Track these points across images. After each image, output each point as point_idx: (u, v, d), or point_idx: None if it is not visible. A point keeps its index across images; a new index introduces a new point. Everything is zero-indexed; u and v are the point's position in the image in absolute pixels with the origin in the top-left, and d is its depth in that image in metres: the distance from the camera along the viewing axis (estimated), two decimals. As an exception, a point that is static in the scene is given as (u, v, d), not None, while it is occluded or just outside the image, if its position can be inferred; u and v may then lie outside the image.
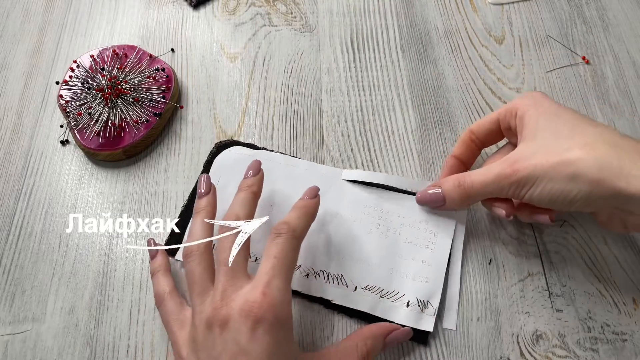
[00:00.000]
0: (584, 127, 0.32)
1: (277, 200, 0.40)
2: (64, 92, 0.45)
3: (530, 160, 0.32)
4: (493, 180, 0.34)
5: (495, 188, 0.34)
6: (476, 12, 0.52)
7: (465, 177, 0.36)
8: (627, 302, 0.37)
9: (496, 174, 0.34)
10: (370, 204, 0.40)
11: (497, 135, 0.39)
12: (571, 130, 0.32)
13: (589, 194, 0.30)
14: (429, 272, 0.38)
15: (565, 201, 0.32)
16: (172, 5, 0.53)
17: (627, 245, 0.40)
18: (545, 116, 0.34)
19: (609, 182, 0.29)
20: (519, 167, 0.33)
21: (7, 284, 0.38)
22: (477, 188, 0.35)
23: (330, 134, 0.45)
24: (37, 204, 0.42)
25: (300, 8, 0.52)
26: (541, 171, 0.32)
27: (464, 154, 0.40)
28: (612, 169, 0.29)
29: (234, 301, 0.30)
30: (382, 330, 0.35)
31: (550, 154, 0.32)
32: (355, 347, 0.33)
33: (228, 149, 0.43)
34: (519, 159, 0.33)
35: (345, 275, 0.37)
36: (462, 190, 0.36)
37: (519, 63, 0.49)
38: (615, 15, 0.52)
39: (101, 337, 0.36)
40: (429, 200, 0.38)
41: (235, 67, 0.49)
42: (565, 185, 0.31)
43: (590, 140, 0.31)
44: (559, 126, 0.33)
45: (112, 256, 0.39)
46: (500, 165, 0.34)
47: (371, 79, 0.48)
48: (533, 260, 0.39)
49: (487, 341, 0.36)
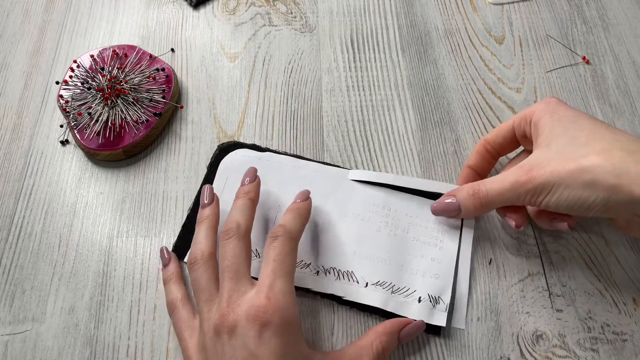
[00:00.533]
0: (601, 133, 0.32)
1: (285, 201, 0.40)
2: (64, 92, 0.45)
3: (547, 167, 0.32)
4: (509, 189, 0.34)
5: (512, 196, 0.34)
6: (476, 12, 0.52)
7: (480, 186, 0.36)
8: (627, 302, 0.37)
9: (512, 181, 0.34)
10: (378, 202, 0.40)
11: (513, 143, 0.39)
12: (587, 136, 0.32)
13: (606, 201, 0.30)
14: (439, 269, 0.38)
15: (582, 207, 0.31)
16: (172, 5, 0.53)
17: (627, 245, 0.40)
18: (561, 122, 0.34)
19: (627, 189, 0.29)
20: (535, 175, 0.32)
21: (7, 284, 0.38)
22: (492, 196, 0.35)
23: (330, 134, 0.45)
24: (37, 204, 0.42)
25: (300, 8, 0.52)
26: (558, 178, 0.31)
27: (479, 165, 0.39)
28: (629, 175, 0.29)
29: (240, 307, 0.30)
30: (396, 326, 0.35)
31: (566, 160, 0.31)
32: (371, 345, 0.33)
33: (234, 151, 0.43)
34: (535, 166, 0.33)
35: (356, 272, 0.38)
36: (477, 199, 0.36)
37: (519, 63, 0.49)
38: (615, 15, 0.52)
39: (101, 337, 0.36)
40: (444, 210, 0.38)
41: (235, 67, 0.49)
42: (583, 192, 0.31)
43: (607, 146, 0.31)
44: (575, 132, 0.33)
45: (112, 256, 0.39)
46: (515, 173, 0.34)
47: (371, 79, 0.48)
48: (533, 260, 0.39)
49: (487, 341, 0.36)
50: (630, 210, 0.31)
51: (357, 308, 0.37)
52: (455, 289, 0.37)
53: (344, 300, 0.37)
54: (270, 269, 0.31)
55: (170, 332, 0.36)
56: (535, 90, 0.47)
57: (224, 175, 0.42)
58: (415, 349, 0.36)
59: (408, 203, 0.40)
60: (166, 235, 0.40)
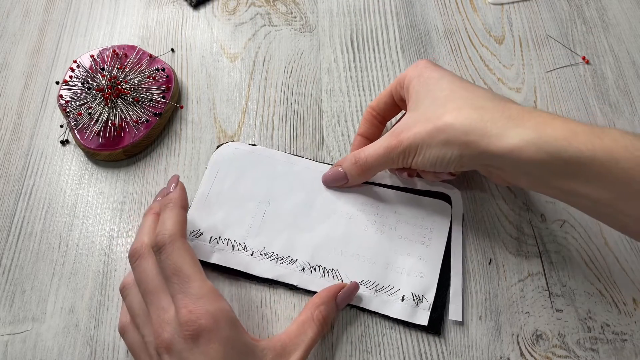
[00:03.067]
0: (458, 92, 0.34)
1: (275, 196, 0.41)
2: (64, 92, 0.45)
3: (412, 130, 0.34)
4: (383, 154, 0.36)
5: (387, 160, 0.36)
6: (476, 12, 0.52)
7: (360, 154, 0.38)
8: (627, 302, 0.37)
9: (385, 146, 0.36)
10: (367, 201, 0.41)
11: (395, 107, 0.41)
12: (446, 97, 0.34)
13: (460, 157, 0.33)
14: (424, 268, 0.38)
15: (442, 164, 0.34)
16: (172, 5, 0.53)
17: (627, 245, 0.40)
18: (426, 84, 0.36)
19: (474, 144, 0.32)
20: (403, 138, 0.35)
21: (7, 284, 0.38)
22: (370, 162, 0.37)
23: (330, 134, 0.45)
24: (37, 204, 0.42)
25: (300, 8, 0.52)
26: (420, 139, 0.34)
27: (368, 131, 0.42)
28: (476, 131, 0.31)
29: (169, 324, 0.29)
30: (331, 293, 0.35)
31: (427, 121, 0.34)
32: (311, 317, 0.34)
33: (227, 144, 0.43)
34: (404, 129, 0.35)
35: (341, 271, 0.38)
36: (359, 166, 0.38)
37: (519, 63, 0.49)
38: (615, 15, 0.52)
39: (101, 337, 0.36)
40: (332, 179, 0.40)
41: (235, 67, 0.49)
42: (440, 150, 0.33)
43: (460, 105, 0.33)
44: (436, 93, 0.35)
45: (112, 256, 0.39)
46: (388, 138, 0.36)
47: (371, 79, 0.48)
48: (533, 260, 0.39)
49: (487, 341, 0.36)
50: (482, 162, 0.33)
51: None
52: (448, 284, 0.37)
53: None
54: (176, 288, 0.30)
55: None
56: (535, 90, 0.47)
57: (214, 168, 0.42)
58: (415, 348, 0.36)
59: (396, 200, 0.41)
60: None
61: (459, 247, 0.39)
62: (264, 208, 0.40)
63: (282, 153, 0.43)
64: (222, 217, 0.40)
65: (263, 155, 0.43)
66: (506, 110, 0.32)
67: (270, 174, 0.42)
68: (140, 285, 0.31)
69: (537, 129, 0.30)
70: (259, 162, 0.42)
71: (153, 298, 0.30)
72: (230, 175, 0.42)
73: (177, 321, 0.29)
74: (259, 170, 0.42)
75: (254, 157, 0.43)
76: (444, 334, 0.36)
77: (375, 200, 0.41)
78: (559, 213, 0.41)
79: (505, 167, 0.32)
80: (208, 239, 0.39)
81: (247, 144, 0.44)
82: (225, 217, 0.40)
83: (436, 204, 0.40)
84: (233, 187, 0.41)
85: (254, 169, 0.42)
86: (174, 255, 0.31)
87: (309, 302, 0.35)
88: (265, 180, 0.41)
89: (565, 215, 0.41)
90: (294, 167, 0.42)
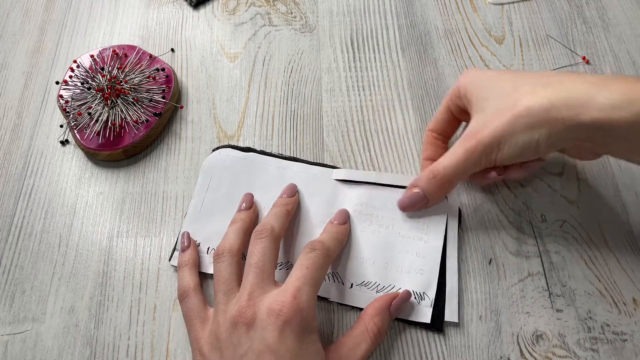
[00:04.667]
0: (521, 79, 0.34)
1: (268, 203, 0.40)
2: (64, 92, 0.45)
3: (488, 127, 0.33)
4: (463, 159, 0.35)
5: (468, 164, 0.35)
6: (476, 12, 0.52)
7: (437, 166, 0.37)
8: (627, 302, 0.37)
9: (463, 151, 0.35)
10: (362, 201, 0.40)
11: (454, 123, 0.41)
12: (512, 85, 0.34)
13: (549, 136, 0.32)
14: (424, 264, 0.38)
15: (531, 150, 0.33)
16: (172, 5, 0.53)
17: (627, 245, 0.40)
18: (484, 85, 0.35)
19: (561, 119, 0.31)
20: (480, 137, 0.34)
21: (7, 284, 0.38)
22: (450, 172, 0.36)
23: (330, 134, 0.45)
24: (37, 204, 0.42)
25: (300, 8, 0.52)
26: (502, 131, 0.33)
27: (434, 154, 0.41)
28: (558, 106, 0.31)
29: (262, 302, 0.30)
30: (385, 304, 0.35)
31: (502, 114, 0.33)
32: (366, 330, 0.34)
33: (218, 150, 0.43)
34: (478, 130, 0.34)
35: (341, 273, 0.38)
36: (438, 180, 0.36)
37: (519, 63, 0.49)
38: (615, 15, 0.52)
39: (101, 337, 0.36)
40: (412, 203, 0.39)
41: (235, 67, 0.49)
42: (526, 135, 0.32)
43: (530, 88, 0.33)
44: (499, 88, 0.34)
45: (112, 256, 0.39)
46: (462, 143, 0.35)
47: (371, 79, 0.48)
48: (533, 260, 0.39)
49: (487, 341, 0.36)
50: (572, 136, 0.32)
51: (345, 305, 0.37)
52: (444, 284, 0.37)
53: (329, 301, 0.37)
54: (302, 274, 0.32)
55: (171, 332, 0.37)
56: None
57: (207, 176, 0.42)
58: (415, 348, 0.36)
59: (392, 198, 0.40)
60: (166, 235, 0.40)
61: (454, 247, 0.39)
62: (259, 216, 0.40)
63: (273, 158, 0.43)
64: (217, 226, 0.39)
65: (255, 162, 0.43)
66: (578, 79, 0.31)
67: (264, 179, 0.42)
68: (252, 257, 0.33)
69: (623, 92, 0.29)
70: (251, 169, 0.42)
71: (259, 273, 0.32)
72: (224, 183, 0.41)
73: (274, 299, 0.30)
74: (252, 177, 0.42)
75: (246, 164, 0.42)
76: (444, 334, 0.36)
77: (370, 200, 0.40)
78: (559, 213, 0.41)
79: (597, 137, 0.31)
80: (205, 250, 0.39)
81: (240, 149, 0.43)
82: (221, 226, 0.39)
83: None
84: (227, 195, 0.41)
85: (246, 176, 0.42)
86: (320, 260, 0.33)
87: (362, 313, 0.35)
88: (259, 187, 0.41)
89: (565, 215, 0.41)
90: (286, 172, 0.42)
